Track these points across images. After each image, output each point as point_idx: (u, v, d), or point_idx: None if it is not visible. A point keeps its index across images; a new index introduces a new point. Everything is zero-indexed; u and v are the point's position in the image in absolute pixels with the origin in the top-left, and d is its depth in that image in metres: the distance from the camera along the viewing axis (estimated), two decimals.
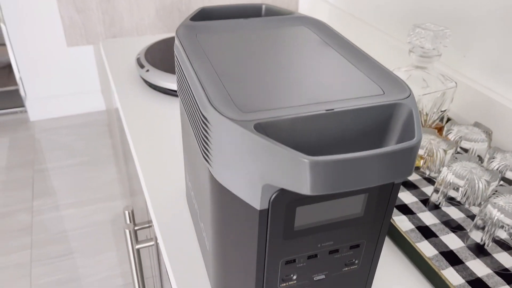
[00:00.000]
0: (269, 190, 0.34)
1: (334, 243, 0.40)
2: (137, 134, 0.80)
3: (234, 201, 0.37)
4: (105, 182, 2.02)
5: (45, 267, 1.61)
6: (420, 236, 0.59)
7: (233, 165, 0.35)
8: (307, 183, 0.31)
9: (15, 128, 2.42)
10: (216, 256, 0.45)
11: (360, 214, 0.39)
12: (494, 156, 0.62)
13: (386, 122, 0.37)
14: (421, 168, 0.67)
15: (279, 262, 0.40)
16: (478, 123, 0.68)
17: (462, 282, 0.52)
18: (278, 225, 0.37)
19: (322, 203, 0.37)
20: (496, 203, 0.53)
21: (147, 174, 0.70)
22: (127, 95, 0.93)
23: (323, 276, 0.43)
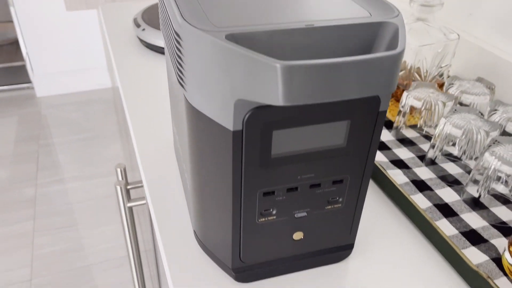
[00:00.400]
0: (242, 108, 0.32)
1: (315, 176, 0.38)
2: (130, 92, 0.79)
3: (209, 124, 0.35)
4: (109, 158, 2.02)
5: (47, 237, 1.62)
6: (414, 189, 0.56)
7: (205, 82, 0.33)
8: (279, 92, 0.29)
9: (22, 104, 2.43)
10: (195, 191, 0.43)
11: (343, 144, 0.37)
12: (496, 109, 0.59)
13: (371, 41, 0.35)
14: (419, 125, 0.65)
15: (256, 193, 0.38)
16: (481, 78, 0.65)
17: (455, 232, 0.50)
18: (253, 150, 0.35)
19: (300, 129, 0.35)
20: (495, 152, 0.50)
21: (138, 129, 0.69)
22: (123, 54, 0.91)
23: (305, 213, 0.41)
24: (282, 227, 0.41)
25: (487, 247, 0.48)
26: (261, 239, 0.42)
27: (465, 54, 0.76)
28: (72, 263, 1.52)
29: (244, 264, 0.43)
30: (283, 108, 0.33)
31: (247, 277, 0.44)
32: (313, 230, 0.43)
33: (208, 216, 0.43)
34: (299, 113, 0.34)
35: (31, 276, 1.47)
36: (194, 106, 0.36)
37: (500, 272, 0.45)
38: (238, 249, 0.42)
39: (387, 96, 0.35)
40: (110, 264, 1.52)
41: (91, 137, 2.17)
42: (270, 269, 0.44)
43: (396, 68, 0.31)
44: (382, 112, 0.36)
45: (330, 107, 0.34)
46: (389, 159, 0.62)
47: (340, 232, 0.44)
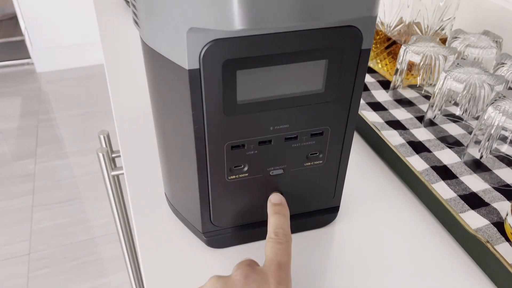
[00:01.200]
0: (197, 40, 0.28)
1: (290, 127, 0.34)
2: (112, 56, 0.74)
3: (164, 64, 0.31)
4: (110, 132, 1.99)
5: (45, 212, 1.60)
6: (410, 151, 0.51)
7: (155, 11, 0.28)
8: (233, 12, 0.24)
9: (22, 79, 2.40)
10: (160, 147, 0.39)
11: (320, 89, 0.33)
12: (503, 63, 0.54)
13: None
14: (419, 84, 0.60)
15: (223, 146, 0.33)
16: (487, 31, 0.59)
17: (453, 196, 0.45)
18: (215, 95, 0.30)
19: (270, 69, 0.30)
20: (500, 106, 0.45)
21: (117, 94, 0.64)
22: (108, 19, 0.86)
23: (281, 170, 0.37)
24: (256, 186, 0.37)
25: (488, 211, 0.44)
26: (233, 200, 0.37)
27: (470, 7, 0.70)
28: (70, 238, 1.51)
29: (216, 227, 0.39)
30: (247, 41, 0.28)
31: (220, 242, 0.40)
32: (291, 190, 0.38)
33: (174, 174, 0.39)
34: (267, 49, 0.29)
35: (30, 250, 1.46)
36: (148, 44, 0.31)
37: (502, 237, 0.41)
38: (208, 211, 0.38)
39: (370, 30, 0.30)
40: (110, 238, 1.51)
41: (91, 112, 2.13)
42: (245, 234, 0.40)
43: None
44: (365, 50, 0.31)
45: (303, 42, 0.29)
46: (385, 120, 0.57)
47: (323, 193, 0.40)
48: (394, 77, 0.60)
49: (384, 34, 0.64)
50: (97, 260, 1.44)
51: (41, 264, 1.42)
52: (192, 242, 0.41)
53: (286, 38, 0.29)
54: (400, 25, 0.61)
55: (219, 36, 0.27)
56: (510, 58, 0.54)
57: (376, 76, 0.66)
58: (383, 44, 0.64)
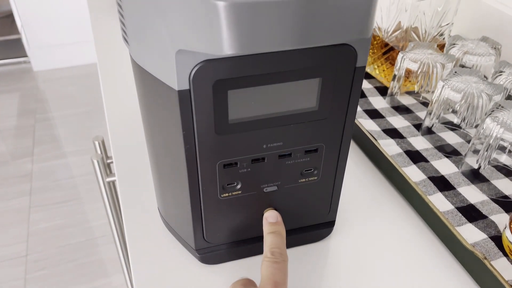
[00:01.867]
0: (186, 61, 0.27)
1: (284, 144, 0.33)
2: (105, 58, 0.73)
3: (154, 84, 0.30)
4: (106, 132, 1.98)
5: (43, 213, 1.60)
6: (407, 161, 0.51)
7: (144, 31, 0.28)
8: (222, 37, 0.23)
9: (19, 78, 2.38)
10: (152, 164, 0.38)
11: (314, 107, 0.32)
12: (501, 71, 0.53)
13: None
14: (416, 91, 0.59)
15: (215, 164, 0.33)
16: (486, 37, 0.58)
17: (450, 208, 0.45)
18: (206, 115, 0.30)
19: (262, 88, 0.29)
20: (497, 117, 0.44)
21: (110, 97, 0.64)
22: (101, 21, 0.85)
23: (275, 187, 0.36)
24: (249, 203, 0.36)
25: (486, 224, 0.43)
26: (227, 217, 0.37)
27: (469, 12, 0.69)
28: (68, 239, 1.50)
29: (209, 244, 0.39)
30: (238, 62, 0.27)
31: (214, 259, 0.39)
32: (286, 207, 0.38)
33: (167, 192, 0.38)
34: (259, 69, 0.28)
35: (27, 252, 1.46)
36: (137, 62, 0.30)
37: (499, 252, 0.40)
38: (201, 228, 0.37)
39: (364, 47, 0.29)
40: (107, 239, 1.50)
41: (88, 111, 2.12)
42: (240, 250, 0.40)
43: (369, 7, 0.25)
44: (360, 68, 0.31)
45: (296, 61, 0.29)
46: (382, 128, 0.56)
47: (318, 208, 0.39)
48: (392, 84, 0.59)
49: (382, 39, 0.63)
50: (95, 261, 1.43)
51: (38, 266, 1.41)
52: (186, 258, 0.40)
53: (278, 57, 0.28)
54: (398, 31, 0.60)
55: (209, 57, 0.27)
56: (508, 66, 0.53)
57: (373, 82, 0.65)
58: (380, 50, 0.63)
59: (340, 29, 0.25)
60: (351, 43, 0.29)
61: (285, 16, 0.23)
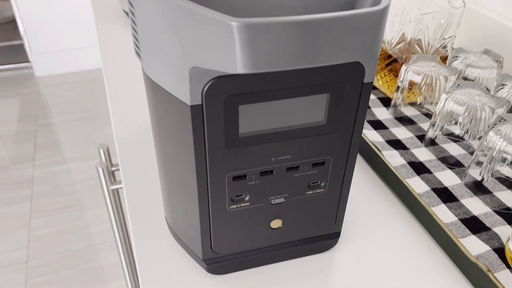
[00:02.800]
0: (199, 78, 0.27)
1: (292, 157, 0.34)
2: (111, 66, 0.74)
3: (166, 99, 0.30)
4: (108, 137, 1.99)
5: (44, 218, 1.60)
6: (411, 172, 0.51)
7: (158, 47, 0.28)
8: (236, 57, 0.24)
9: (21, 84, 2.39)
10: (161, 175, 0.39)
11: (322, 121, 0.32)
12: (503, 84, 0.54)
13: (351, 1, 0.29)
14: (419, 102, 0.60)
15: (225, 177, 0.33)
16: (488, 50, 0.59)
17: (454, 220, 0.45)
18: (217, 129, 0.30)
19: (272, 103, 0.30)
20: (500, 130, 0.45)
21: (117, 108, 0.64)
22: (107, 29, 0.86)
23: (283, 199, 0.36)
24: (257, 214, 0.37)
25: (489, 236, 0.44)
26: (234, 228, 0.37)
27: (471, 25, 0.70)
28: (68, 245, 1.50)
29: (216, 255, 0.39)
30: (249, 78, 0.28)
31: (221, 269, 0.40)
32: (293, 218, 0.38)
33: (176, 202, 0.38)
34: (269, 85, 0.29)
35: (28, 258, 1.46)
36: (150, 77, 0.31)
37: (503, 264, 0.41)
38: (209, 239, 0.37)
39: (372, 64, 0.30)
40: (108, 246, 1.50)
41: (88, 117, 2.13)
42: (246, 260, 0.40)
43: (379, 27, 0.25)
44: (368, 84, 0.31)
45: (306, 77, 0.29)
46: (386, 139, 0.57)
47: (324, 220, 0.40)
48: (395, 95, 0.59)
49: (385, 51, 0.64)
50: (95, 268, 1.43)
51: (39, 272, 1.41)
52: (192, 268, 0.41)
53: (288, 74, 0.28)
54: (401, 43, 0.61)
55: (221, 73, 0.27)
56: (510, 79, 0.54)
57: (377, 93, 0.66)
58: (384, 61, 0.64)
59: (349, 49, 0.26)
60: (360, 60, 0.29)
61: (297, 36, 0.24)
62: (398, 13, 0.60)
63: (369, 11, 0.25)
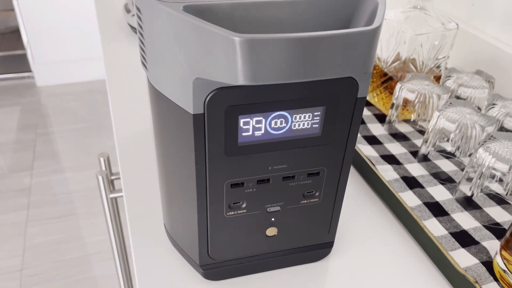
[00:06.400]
0: (202, 88, 0.29)
1: (288, 167, 0.35)
2: (115, 78, 0.76)
3: (170, 107, 0.32)
4: (106, 148, 2.00)
5: (40, 227, 1.60)
6: (404, 186, 0.53)
7: (164, 59, 0.30)
8: (238, 69, 0.26)
9: (22, 93, 2.41)
10: (161, 181, 0.40)
11: (318, 133, 0.34)
12: (494, 103, 0.56)
13: (347, 19, 0.31)
14: (413, 119, 0.61)
15: (223, 184, 0.35)
16: (480, 71, 0.61)
17: (444, 233, 0.47)
18: (218, 137, 0.32)
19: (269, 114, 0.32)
20: (489, 148, 0.47)
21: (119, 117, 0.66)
22: (112, 41, 0.88)
23: (278, 207, 0.38)
24: (253, 221, 0.38)
25: (478, 250, 0.45)
26: (231, 234, 0.39)
27: (465, 46, 0.72)
28: (64, 254, 1.50)
29: (213, 260, 0.40)
30: (249, 90, 0.30)
31: (217, 275, 0.41)
32: (288, 226, 0.40)
33: (175, 208, 0.40)
34: (268, 96, 0.31)
35: (22, 266, 1.45)
36: (155, 87, 0.33)
37: (490, 276, 0.42)
38: (206, 245, 0.39)
39: (365, 80, 0.32)
40: (103, 256, 1.50)
41: (88, 127, 2.14)
42: (242, 267, 0.41)
43: (371, 46, 0.27)
44: (361, 98, 0.33)
45: (303, 91, 0.31)
46: (380, 154, 0.58)
47: (318, 229, 0.41)
48: (390, 112, 0.61)
49: (381, 69, 0.66)
50: (89, 278, 1.43)
51: (33, 281, 1.41)
52: (189, 274, 0.42)
53: (286, 87, 0.30)
54: (397, 62, 0.63)
55: (223, 84, 0.29)
56: (501, 99, 0.56)
57: (372, 110, 0.68)
58: (379, 79, 0.66)
59: (344, 65, 0.27)
60: (354, 76, 0.31)
61: (295, 51, 0.26)
62: (394, 33, 0.62)
63: (363, 31, 0.27)
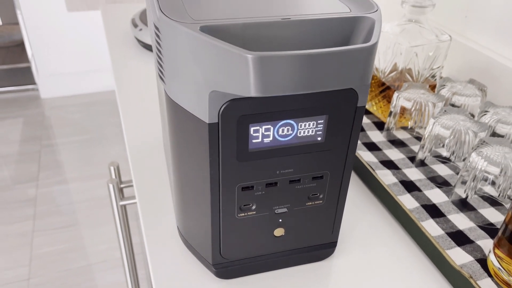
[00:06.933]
0: (217, 100, 0.32)
1: (294, 171, 0.38)
2: (125, 91, 0.79)
3: (186, 117, 0.35)
4: (111, 159, 2.03)
5: (46, 237, 1.62)
6: (402, 190, 0.56)
7: (182, 74, 0.33)
8: (250, 83, 0.29)
9: (27, 105, 2.45)
10: (176, 186, 0.43)
11: (321, 140, 0.37)
12: (486, 110, 0.59)
13: (348, 36, 0.35)
14: (410, 126, 0.65)
15: (235, 187, 0.38)
16: (473, 80, 0.65)
17: (441, 233, 0.50)
18: (230, 144, 0.35)
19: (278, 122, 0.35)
20: (482, 152, 0.50)
21: (130, 127, 0.69)
22: (120, 54, 0.92)
23: (285, 209, 0.41)
24: (262, 222, 0.41)
25: (473, 248, 0.48)
26: (241, 235, 0.41)
27: (459, 56, 0.76)
28: (70, 263, 1.52)
29: (225, 260, 0.43)
30: (259, 101, 0.33)
31: (228, 273, 0.44)
32: (294, 227, 0.43)
33: (188, 211, 0.43)
34: (276, 107, 0.34)
35: (29, 276, 1.47)
36: (172, 99, 0.36)
37: (485, 273, 0.45)
38: (218, 245, 0.42)
39: (364, 91, 0.35)
40: (109, 265, 1.53)
41: (92, 138, 2.18)
42: (251, 266, 0.44)
43: (369, 60, 0.31)
44: (360, 107, 0.36)
45: (308, 101, 0.34)
46: (379, 160, 0.61)
47: (322, 229, 0.44)
48: (388, 119, 0.64)
49: (379, 79, 0.69)
50: (95, 286, 1.45)
51: None
52: (202, 273, 0.45)
53: (293, 98, 0.33)
54: (394, 72, 0.66)
55: (235, 96, 0.32)
56: (493, 106, 0.59)
57: (372, 118, 0.71)
58: (378, 88, 0.69)
59: (344, 78, 0.31)
60: (354, 87, 0.34)
61: (301, 66, 0.29)
62: (391, 45, 0.66)
63: (361, 47, 0.30)
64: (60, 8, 2.30)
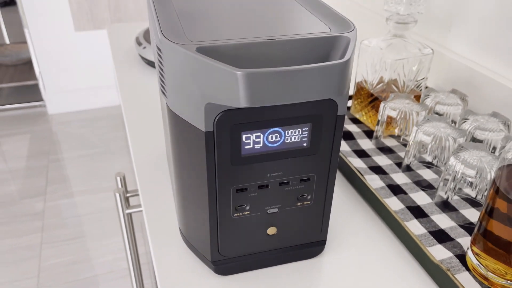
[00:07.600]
0: (212, 111, 0.37)
1: (283, 174, 0.43)
2: (130, 106, 0.84)
3: (185, 127, 0.40)
4: (115, 171, 2.08)
5: (54, 249, 1.66)
6: (389, 193, 0.60)
7: (181, 89, 0.38)
8: (240, 95, 0.34)
9: (34, 121, 2.52)
10: (178, 190, 0.47)
11: (307, 145, 0.42)
12: (466, 118, 0.63)
13: (327, 53, 0.39)
14: (397, 134, 0.69)
15: (230, 189, 0.42)
16: (455, 90, 0.69)
17: (424, 232, 0.54)
18: (225, 150, 0.39)
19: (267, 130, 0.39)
20: (459, 156, 0.54)
21: (136, 140, 0.74)
22: (125, 71, 0.97)
23: (277, 209, 0.45)
24: (256, 222, 0.45)
25: (453, 245, 0.52)
26: (237, 233, 0.46)
27: (442, 67, 0.80)
28: (77, 274, 1.56)
29: (223, 257, 0.47)
30: (250, 111, 0.37)
31: (226, 270, 0.48)
32: (285, 226, 0.47)
33: (189, 212, 0.47)
34: (265, 116, 0.38)
35: (38, 287, 1.51)
36: (173, 110, 0.40)
37: (463, 267, 0.49)
38: (216, 243, 0.46)
39: (343, 100, 0.39)
40: (115, 275, 1.56)
41: (99, 152, 2.23)
42: (248, 263, 0.48)
43: (344, 74, 0.35)
44: (341, 116, 0.41)
45: (293, 111, 0.39)
46: (368, 166, 0.66)
47: (311, 228, 0.48)
48: (376, 128, 0.69)
49: (368, 90, 0.74)
50: None
51: None
52: (202, 270, 0.49)
53: (279, 108, 0.38)
54: (381, 84, 0.71)
55: (228, 107, 0.37)
56: (472, 114, 0.63)
57: (362, 127, 0.75)
58: (367, 99, 0.74)
59: (323, 89, 0.35)
60: (333, 97, 0.39)
61: (285, 81, 0.34)
62: (377, 59, 0.70)
63: (337, 63, 0.35)
64: (68, 28, 2.38)
